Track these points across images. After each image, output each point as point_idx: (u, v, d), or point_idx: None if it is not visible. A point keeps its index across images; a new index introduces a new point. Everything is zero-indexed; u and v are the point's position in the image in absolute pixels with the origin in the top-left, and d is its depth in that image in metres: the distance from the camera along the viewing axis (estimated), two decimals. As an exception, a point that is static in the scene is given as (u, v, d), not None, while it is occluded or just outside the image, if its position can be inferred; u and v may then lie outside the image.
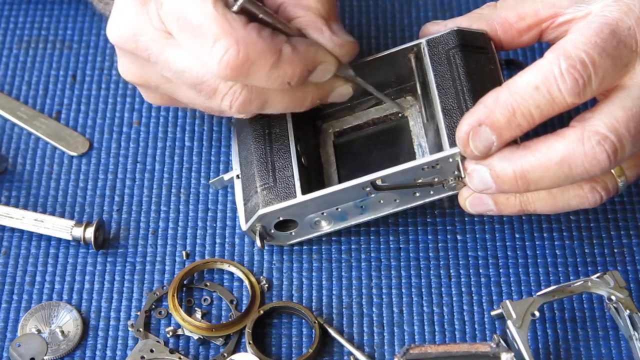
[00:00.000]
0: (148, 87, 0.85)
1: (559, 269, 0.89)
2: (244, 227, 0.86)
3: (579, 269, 0.89)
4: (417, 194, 0.84)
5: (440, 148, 0.81)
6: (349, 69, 0.83)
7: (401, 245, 0.90)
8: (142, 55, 0.80)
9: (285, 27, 0.79)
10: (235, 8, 0.76)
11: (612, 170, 0.80)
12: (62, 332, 0.85)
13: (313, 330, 0.85)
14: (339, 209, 0.85)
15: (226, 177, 0.90)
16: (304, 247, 0.90)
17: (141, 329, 0.86)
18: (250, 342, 0.84)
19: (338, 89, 0.84)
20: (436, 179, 0.82)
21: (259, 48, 0.76)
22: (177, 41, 0.78)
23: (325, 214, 0.85)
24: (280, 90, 0.80)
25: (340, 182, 0.86)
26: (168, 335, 0.85)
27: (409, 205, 0.85)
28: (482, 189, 0.80)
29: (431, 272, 0.89)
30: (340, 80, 0.84)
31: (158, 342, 0.85)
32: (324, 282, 0.88)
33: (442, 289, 0.88)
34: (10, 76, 1.00)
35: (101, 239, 0.90)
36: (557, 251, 0.89)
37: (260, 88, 0.80)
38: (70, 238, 0.89)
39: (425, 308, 0.87)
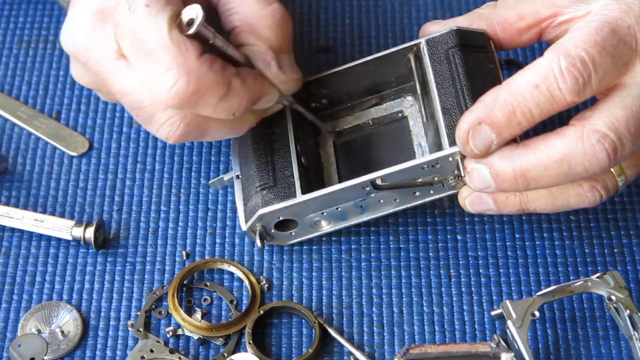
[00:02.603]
0: (100, 92, 0.85)
1: (559, 269, 0.89)
2: (244, 227, 0.86)
3: (579, 269, 0.89)
4: (417, 194, 0.84)
5: (440, 147, 0.81)
6: (289, 97, 0.84)
7: (401, 245, 0.90)
8: (92, 69, 0.80)
9: (234, 54, 0.79)
10: (190, 32, 0.76)
11: (612, 170, 0.80)
12: (62, 332, 0.85)
13: (313, 330, 0.85)
14: (339, 209, 0.85)
15: (226, 177, 0.90)
16: (304, 247, 0.90)
17: (141, 329, 0.86)
18: (250, 342, 0.84)
19: (273, 109, 0.85)
20: (436, 178, 0.82)
21: (209, 81, 0.76)
22: (127, 63, 0.78)
23: (325, 214, 0.85)
24: (219, 121, 0.81)
25: (340, 181, 0.86)
26: (168, 335, 0.85)
27: (409, 205, 0.85)
28: (481, 188, 0.80)
29: (431, 272, 0.89)
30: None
31: (158, 342, 0.85)
32: (324, 282, 0.88)
33: (442, 289, 0.88)
34: (10, 76, 1.00)
35: (101, 239, 0.90)
36: (557, 251, 0.89)
37: (200, 120, 0.80)
38: (70, 238, 0.89)
39: (425, 308, 0.87)
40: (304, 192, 0.83)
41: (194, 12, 0.76)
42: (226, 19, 0.83)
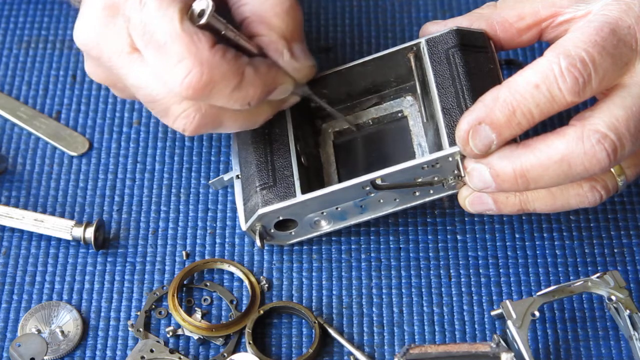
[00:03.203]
0: (115, 87, 0.85)
1: (559, 269, 0.89)
2: (244, 226, 0.86)
3: (579, 269, 0.89)
4: (417, 194, 0.84)
5: (440, 147, 0.81)
6: (305, 86, 0.84)
7: (401, 245, 0.90)
8: (105, 64, 0.80)
9: (247, 44, 0.79)
10: (201, 22, 0.76)
11: (612, 169, 0.80)
12: (62, 332, 0.85)
13: (313, 330, 0.85)
14: (339, 209, 0.85)
15: (226, 177, 0.90)
16: (304, 247, 0.90)
17: (141, 329, 0.86)
18: (250, 342, 0.84)
19: (289, 101, 0.85)
20: (436, 178, 0.82)
21: (222, 71, 0.76)
22: (140, 57, 0.78)
23: (325, 214, 0.85)
24: (235, 112, 0.81)
25: (340, 181, 0.86)
26: (168, 335, 0.85)
27: (408, 205, 0.85)
28: (481, 188, 0.80)
29: (431, 272, 0.89)
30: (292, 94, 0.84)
31: (158, 342, 0.85)
32: (324, 282, 0.88)
33: (442, 289, 0.88)
34: (10, 76, 1.00)
35: (101, 239, 0.90)
36: (557, 251, 0.89)
37: (215, 111, 0.80)
38: (70, 238, 0.89)
39: (425, 308, 0.87)
40: (303, 192, 0.83)
41: (204, 3, 0.76)
42: (236, 10, 0.83)
